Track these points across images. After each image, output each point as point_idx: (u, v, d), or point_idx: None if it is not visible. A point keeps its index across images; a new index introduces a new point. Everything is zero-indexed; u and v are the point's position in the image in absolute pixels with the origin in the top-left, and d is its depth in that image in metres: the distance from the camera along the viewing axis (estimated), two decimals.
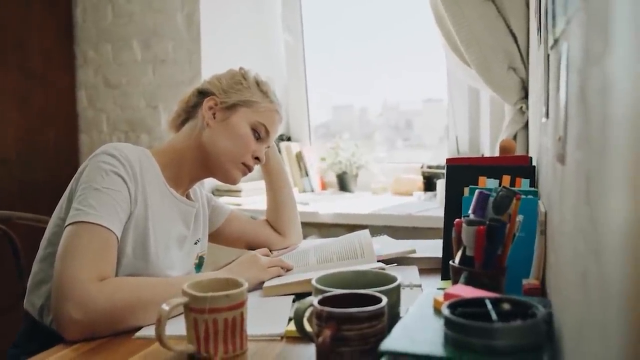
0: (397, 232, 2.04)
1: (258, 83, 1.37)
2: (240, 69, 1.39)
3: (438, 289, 1.07)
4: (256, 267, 1.25)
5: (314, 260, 1.34)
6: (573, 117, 0.60)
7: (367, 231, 1.42)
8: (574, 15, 0.59)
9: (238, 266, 1.24)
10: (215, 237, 1.52)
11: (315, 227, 2.30)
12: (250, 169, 1.36)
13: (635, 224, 0.32)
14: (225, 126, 1.31)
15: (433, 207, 2.25)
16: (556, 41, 0.78)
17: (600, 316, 0.41)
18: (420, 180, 2.58)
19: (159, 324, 0.85)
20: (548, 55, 0.93)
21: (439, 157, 2.69)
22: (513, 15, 1.92)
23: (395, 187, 2.65)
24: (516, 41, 1.94)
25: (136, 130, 2.80)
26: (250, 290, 1.20)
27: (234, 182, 1.36)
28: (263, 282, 1.24)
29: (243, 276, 1.16)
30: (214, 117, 1.32)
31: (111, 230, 1.08)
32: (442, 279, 1.25)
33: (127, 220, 1.14)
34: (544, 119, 1.01)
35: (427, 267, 1.38)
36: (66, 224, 1.08)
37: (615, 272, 0.36)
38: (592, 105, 0.46)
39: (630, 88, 0.35)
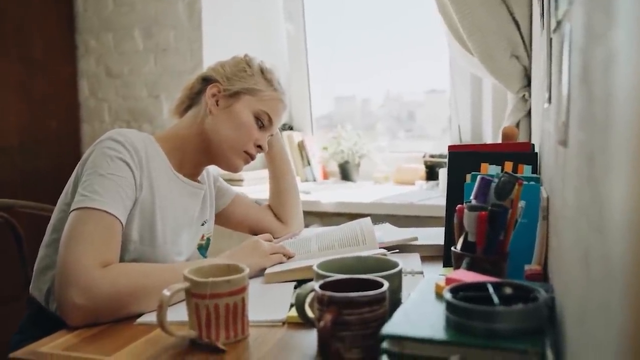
0: (399, 221, 2.03)
1: (262, 70, 1.36)
2: (245, 56, 1.38)
3: (440, 275, 1.07)
4: (258, 253, 1.25)
5: (315, 248, 1.34)
6: (576, 98, 0.59)
7: (368, 219, 1.42)
8: None
9: (240, 251, 1.24)
10: (219, 218, 1.52)
11: (317, 216, 2.30)
12: (252, 157, 1.36)
13: (637, 198, 0.32)
14: (227, 114, 1.31)
15: (435, 196, 2.24)
16: (559, 23, 0.77)
17: (603, 295, 0.41)
18: (422, 169, 2.57)
19: (161, 310, 0.85)
20: (551, 40, 0.92)
21: (441, 147, 2.68)
22: (516, 2, 1.91)
23: (398, 177, 2.65)
24: (519, 29, 1.93)
25: (138, 119, 2.79)
26: (252, 276, 1.21)
27: (236, 170, 1.36)
28: (265, 269, 1.24)
29: (245, 262, 1.16)
30: (217, 105, 1.31)
31: (115, 217, 1.08)
32: (443, 266, 1.24)
33: (132, 207, 1.14)
34: (546, 105, 1.01)
35: (429, 255, 1.38)
36: (71, 210, 1.08)
37: (618, 249, 0.36)
38: (595, 83, 0.46)
39: (635, 63, 0.34)
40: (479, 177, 0.98)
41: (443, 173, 2.40)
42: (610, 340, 0.39)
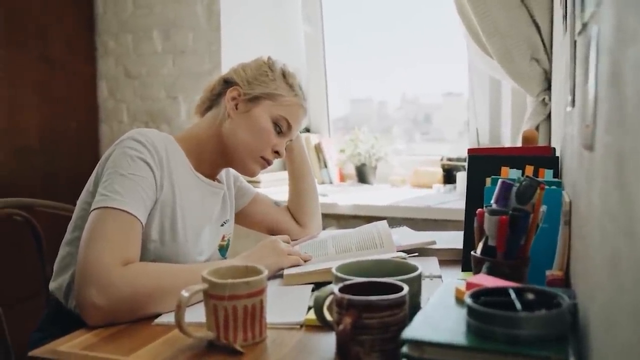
0: (417, 224, 2.02)
1: (285, 75, 1.34)
2: (268, 59, 1.36)
3: (459, 279, 1.05)
4: (276, 252, 1.24)
5: (332, 250, 1.33)
6: (603, 101, 0.58)
7: (384, 222, 1.41)
8: None
9: (259, 251, 1.24)
10: (239, 217, 1.52)
11: (334, 219, 2.30)
12: (269, 163, 1.35)
13: None
14: (246, 118, 1.30)
15: (452, 199, 2.23)
16: (584, 26, 0.76)
17: (633, 302, 0.40)
18: (439, 172, 2.55)
19: (179, 310, 0.85)
20: (575, 42, 0.91)
21: (458, 150, 2.67)
22: (536, 4, 1.89)
23: (415, 180, 2.64)
24: (539, 31, 1.91)
25: (156, 120, 2.81)
26: (270, 276, 1.20)
27: (252, 175, 1.36)
28: (282, 269, 1.23)
29: (263, 262, 1.16)
30: (236, 108, 1.31)
31: (136, 217, 1.08)
32: (462, 270, 1.23)
33: (153, 206, 1.15)
34: (569, 108, 0.99)
35: (447, 259, 1.36)
36: (92, 209, 1.09)
37: None
38: (627, 85, 0.45)
39: None
40: (500, 181, 0.97)
41: (460, 176, 2.38)
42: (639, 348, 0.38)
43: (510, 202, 0.96)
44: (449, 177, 2.51)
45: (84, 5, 2.83)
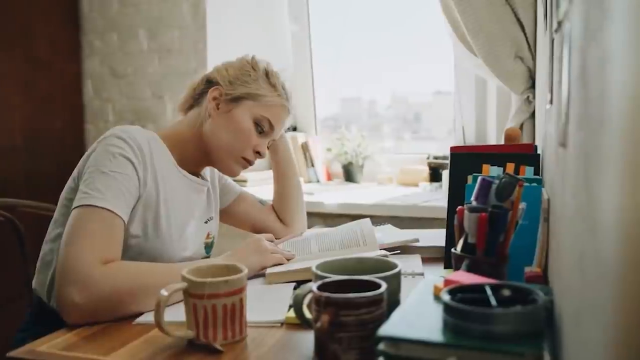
0: (403, 222, 2.03)
1: (267, 74, 1.34)
2: (252, 58, 1.36)
3: (440, 277, 1.06)
4: (260, 251, 1.24)
5: (316, 249, 1.33)
6: (574, 98, 0.59)
7: (368, 220, 1.42)
8: None
9: (242, 250, 1.24)
10: (224, 215, 1.52)
11: (321, 217, 2.30)
12: (250, 163, 1.35)
13: (629, 202, 0.31)
14: (227, 118, 1.30)
15: (438, 197, 2.23)
16: (560, 23, 0.76)
17: (596, 298, 0.40)
18: (426, 171, 2.56)
19: (158, 310, 0.85)
20: (553, 40, 0.92)
21: (445, 149, 2.67)
22: (520, 3, 1.90)
23: (401, 178, 2.64)
24: (523, 30, 1.92)
25: (142, 120, 2.80)
26: (253, 275, 1.21)
27: (233, 175, 1.36)
28: (266, 268, 1.24)
29: (246, 260, 1.16)
30: (217, 108, 1.30)
31: (117, 214, 1.08)
32: (444, 268, 1.24)
33: (136, 204, 1.15)
34: (548, 106, 1.00)
35: (430, 256, 1.37)
36: (73, 207, 1.08)
37: (609, 251, 0.35)
38: (590, 83, 0.45)
39: (628, 60, 0.34)
40: (479, 179, 0.98)
41: (446, 174, 2.39)
42: (602, 344, 0.38)
43: (489, 199, 0.96)
44: (435, 175, 2.52)
45: (69, 4, 2.82)
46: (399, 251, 1.35)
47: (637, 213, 0.31)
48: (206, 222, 1.37)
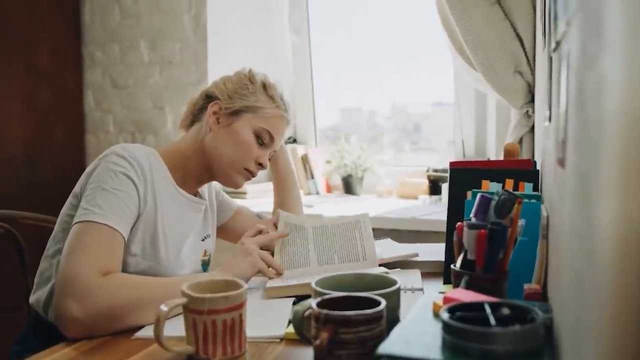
0: (401, 235, 2.02)
1: (265, 86, 1.35)
2: (249, 71, 1.37)
3: (439, 293, 1.06)
4: (246, 254, 1.23)
5: (315, 261, 1.33)
6: (572, 119, 0.59)
7: (367, 215, 1.41)
8: (573, 17, 0.59)
9: (231, 260, 1.23)
10: (221, 232, 1.51)
11: None
12: (253, 175, 1.35)
13: (625, 223, 0.32)
14: (227, 132, 1.30)
15: (438, 210, 2.23)
16: (558, 43, 0.77)
17: (593, 317, 0.41)
18: (426, 183, 2.56)
19: (158, 325, 0.85)
20: (551, 58, 0.92)
21: (445, 161, 2.68)
22: (519, 18, 1.91)
23: (401, 191, 2.64)
24: (522, 45, 1.93)
25: (142, 131, 2.80)
26: (250, 279, 1.21)
27: (236, 187, 1.36)
28: (259, 269, 1.23)
29: (237, 269, 1.17)
30: (218, 122, 1.31)
31: (117, 230, 1.09)
32: (444, 283, 1.24)
33: (135, 221, 1.15)
34: (546, 123, 1.01)
35: (429, 271, 1.37)
36: (73, 223, 1.09)
37: (605, 273, 0.36)
38: (587, 107, 0.46)
39: (623, 88, 0.34)
40: (478, 195, 0.98)
41: (446, 188, 2.39)
42: None
43: (489, 215, 0.97)
44: (434, 188, 2.52)
45: (70, 15, 2.83)
46: (398, 269, 1.35)
47: (632, 234, 0.32)
48: (203, 240, 1.37)
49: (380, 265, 1.32)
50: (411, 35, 2.92)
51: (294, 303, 1.13)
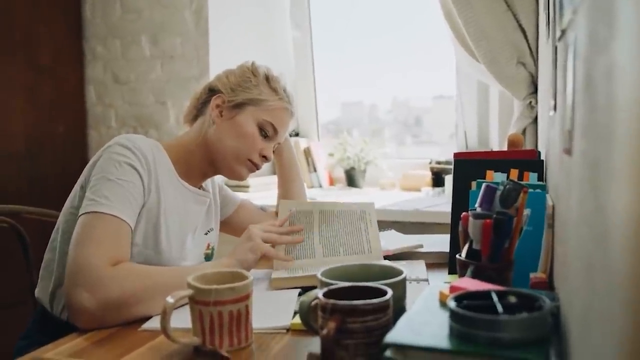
0: (405, 227, 2.02)
1: (268, 79, 1.34)
2: (252, 64, 1.37)
3: (445, 283, 1.06)
4: (249, 239, 1.22)
5: (320, 253, 1.33)
6: (580, 106, 0.59)
7: (372, 205, 1.41)
8: (580, 4, 0.58)
9: (236, 248, 1.23)
10: (225, 226, 1.52)
11: None
12: (257, 167, 1.35)
13: (638, 209, 0.32)
14: (231, 125, 1.30)
15: (441, 202, 2.24)
16: (563, 32, 0.77)
17: (605, 305, 0.41)
18: (428, 176, 2.56)
19: (164, 316, 0.85)
20: (556, 48, 0.92)
21: (447, 153, 2.68)
22: (522, 9, 1.90)
23: (404, 183, 2.64)
24: (525, 36, 1.92)
25: (144, 126, 2.80)
26: (257, 262, 1.22)
27: (241, 179, 1.36)
28: (263, 252, 1.22)
29: (241, 256, 1.19)
30: (221, 116, 1.31)
31: (124, 220, 1.09)
32: (449, 274, 1.24)
33: (140, 211, 1.15)
34: (551, 112, 1.00)
35: (434, 262, 1.37)
36: (80, 214, 1.09)
37: (619, 259, 0.36)
38: (598, 93, 0.46)
39: (635, 72, 0.34)
40: (484, 185, 0.98)
41: (449, 179, 2.39)
42: (611, 350, 0.38)
43: (494, 205, 0.97)
44: (437, 180, 2.52)
45: (71, 11, 2.83)
46: (404, 263, 1.36)
47: None
48: (206, 234, 1.38)
49: (385, 257, 1.32)
50: (412, 33, 2.92)
51: (300, 294, 1.13)
